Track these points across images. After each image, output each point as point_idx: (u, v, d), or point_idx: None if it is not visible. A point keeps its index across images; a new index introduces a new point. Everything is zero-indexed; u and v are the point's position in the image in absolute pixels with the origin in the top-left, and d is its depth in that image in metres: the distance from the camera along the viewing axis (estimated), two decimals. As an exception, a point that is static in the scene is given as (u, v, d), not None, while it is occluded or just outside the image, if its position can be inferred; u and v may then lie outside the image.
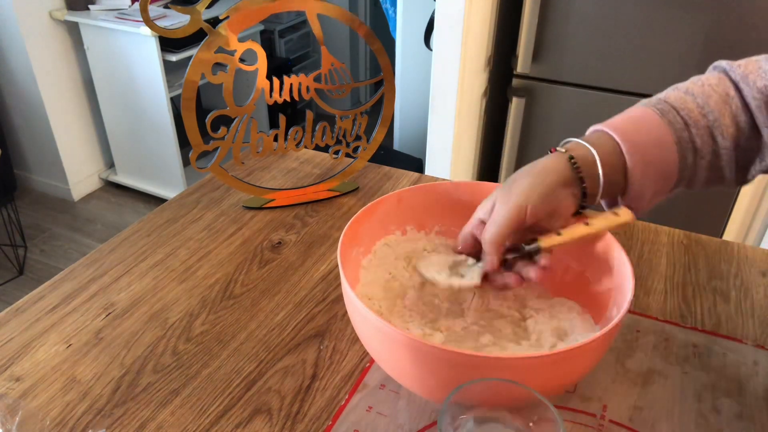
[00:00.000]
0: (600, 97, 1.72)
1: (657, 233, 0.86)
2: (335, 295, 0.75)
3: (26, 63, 2.43)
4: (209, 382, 0.63)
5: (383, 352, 0.55)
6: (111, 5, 2.45)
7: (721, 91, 0.59)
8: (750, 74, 0.58)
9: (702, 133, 0.58)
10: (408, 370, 0.52)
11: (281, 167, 1.04)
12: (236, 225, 0.88)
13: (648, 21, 1.58)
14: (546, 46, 1.72)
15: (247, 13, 0.79)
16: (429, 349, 0.48)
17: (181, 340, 0.68)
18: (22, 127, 2.67)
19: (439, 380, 0.51)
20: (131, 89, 2.50)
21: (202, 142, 0.83)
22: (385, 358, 0.55)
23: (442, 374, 0.50)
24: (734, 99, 0.58)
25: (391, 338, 0.50)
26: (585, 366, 0.52)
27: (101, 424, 0.58)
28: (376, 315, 0.50)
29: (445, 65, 1.73)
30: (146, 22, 0.75)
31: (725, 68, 0.61)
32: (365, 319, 0.53)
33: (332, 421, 0.58)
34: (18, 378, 0.63)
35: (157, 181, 2.71)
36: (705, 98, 0.58)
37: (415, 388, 0.55)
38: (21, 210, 2.61)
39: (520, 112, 1.82)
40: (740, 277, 0.78)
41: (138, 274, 0.78)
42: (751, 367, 0.64)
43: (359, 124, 0.93)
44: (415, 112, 2.54)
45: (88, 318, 0.71)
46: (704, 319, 0.71)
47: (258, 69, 0.83)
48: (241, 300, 0.74)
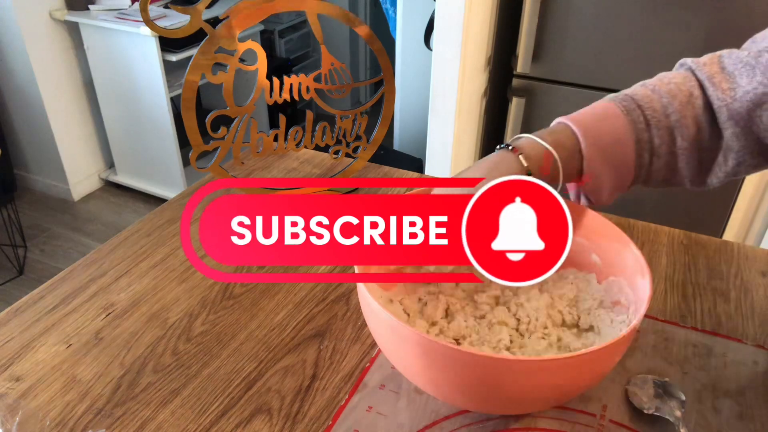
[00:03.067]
0: (600, 97, 1.72)
1: (657, 233, 0.86)
2: (335, 295, 0.75)
3: (26, 63, 2.43)
4: (209, 382, 0.63)
5: (392, 348, 0.54)
6: (111, 5, 2.45)
7: (686, 90, 0.60)
8: (714, 76, 0.59)
9: (662, 133, 0.59)
10: (419, 370, 0.52)
11: (281, 167, 1.04)
12: (236, 225, 0.88)
13: (648, 21, 1.58)
14: (546, 46, 1.71)
15: (247, 13, 0.79)
16: (449, 351, 0.48)
17: (181, 340, 0.68)
18: (22, 127, 2.67)
19: (455, 382, 0.51)
20: (131, 89, 2.50)
21: (202, 142, 0.83)
22: (397, 356, 0.55)
23: (458, 375, 0.50)
24: (698, 99, 0.59)
25: (405, 338, 0.50)
26: (609, 364, 0.52)
27: (101, 424, 0.58)
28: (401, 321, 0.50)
29: (445, 65, 1.73)
30: (146, 22, 0.75)
31: (691, 67, 0.61)
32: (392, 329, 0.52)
33: (332, 421, 0.58)
34: (18, 378, 0.63)
35: (157, 181, 2.71)
36: (670, 98, 0.59)
37: (428, 388, 0.55)
38: (21, 210, 2.61)
39: (520, 112, 1.82)
40: (740, 277, 0.78)
41: (138, 274, 0.78)
42: (751, 367, 0.64)
43: (359, 124, 0.93)
44: (415, 112, 2.54)
45: (88, 318, 0.71)
46: (704, 319, 0.71)
47: (258, 69, 0.83)
48: (241, 300, 0.74)
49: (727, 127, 0.59)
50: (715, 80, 0.59)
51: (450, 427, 0.58)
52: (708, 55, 0.62)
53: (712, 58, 0.61)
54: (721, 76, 0.59)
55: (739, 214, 1.74)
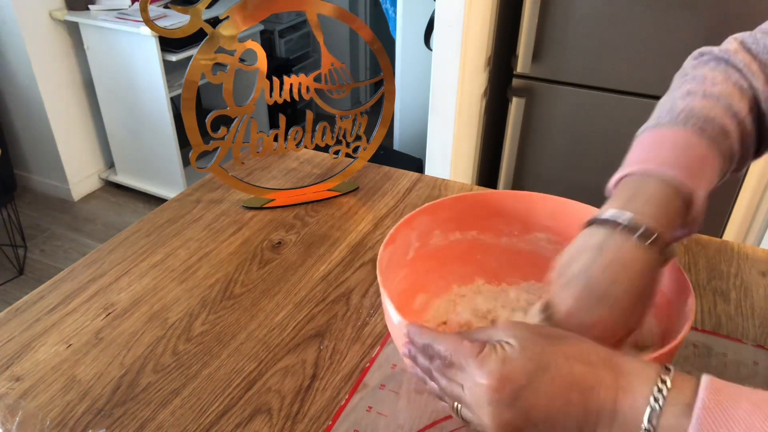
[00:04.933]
0: (600, 97, 1.72)
1: (657, 233, 0.86)
2: (335, 295, 0.75)
3: (26, 63, 2.43)
4: (209, 382, 0.63)
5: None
6: (111, 5, 2.45)
7: (732, 87, 0.55)
8: (750, 64, 0.55)
9: (737, 137, 0.53)
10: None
11: (281, 167, 1.04)
12: (236, 225, 0.88)
13: (648, 21, 1.58)
14: (546, 46, 1.71)
15: (247, 13, 0.79)
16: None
17: (181, 340, 0.68)
18: (22, 127, 2.67)
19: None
20: (131, 89, 2.50)
21: (202, 142, 0.83)
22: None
23: None
24: (747, 90, 0.55)
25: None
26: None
27: (101, 424, 0.58)
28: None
29: (445, 65, 1.73)
30: (146, 22, 0.75)
31: (728, 58, 0.56)
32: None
33: (332, 421, 0.58)
34: (18, 378, 0.63)
35: (157, 181, 2.71)
36: (727, 98, 0.54)
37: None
38: (21, 210, 2.61)
39: (520, 112, 1.82)
40: (740, 277, 0.78)
41: (138, 274, 0.78)
42: (751, 367, 0.64)
43: (359, 124, 0.93)
44: (415, 112, 2.54)
45: (88, 318, 0.71)
46: (704, 319, 0.71)
47: (258, 69, 0.83)
48: (241, 300, 0.74)
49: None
50: (752, 69, 0.55)
51: (450, 427, 0.58)
52: (731, 42, 0.57)
53: (736, 46, 0.57)
54: (754, 65, 0.55)
55: (739, 214, 1.74)
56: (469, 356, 0.41)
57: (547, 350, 0.40)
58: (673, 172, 0.48)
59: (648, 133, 0.53)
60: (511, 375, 0.39)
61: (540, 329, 0.43)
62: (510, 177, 1.95)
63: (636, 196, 0.48)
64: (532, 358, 0.40)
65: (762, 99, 0.55)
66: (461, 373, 0.42)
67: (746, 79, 0.56)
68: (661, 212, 0.47)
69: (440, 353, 0.43)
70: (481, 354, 0.41)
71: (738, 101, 0.54)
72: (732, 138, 0.52)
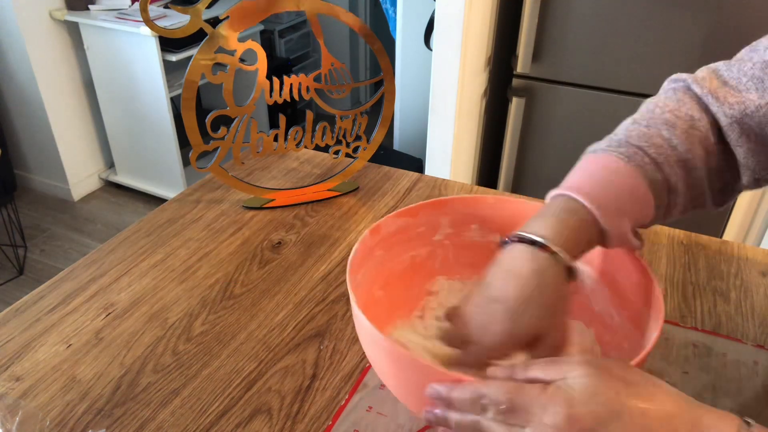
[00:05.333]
0: (600, 97, 1.72)
1: (657, 233, 0.86)
2: (335, 295, 0.75)
3: (26, 63, 2.43)
4: (209, 382, 0.63)
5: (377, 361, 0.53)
6: (111, 5, 2.45)
7: (684, 115, 0.54)
8: (717, 91, 0.54)
9: (675, 169, 0.53)
10: (395, 384, 0.51)
11: (281, 167, 1.04)
12: (236, 225, 0.88)
13: (648, 21, 1.58)
14: (546, 46, 1.71)
15: (247, 13, 0.79)
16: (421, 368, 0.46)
17: (181, 340, 0.68)
18: (22, 127, 2.67)
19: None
20: (131, 89, 2.50)
21: (202, 142, 0.83)
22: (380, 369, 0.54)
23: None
24: (700, 121, 0.54)
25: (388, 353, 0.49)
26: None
27: (101, 424, 0.58)
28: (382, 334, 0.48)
29: (445, 65, 1.73)
30: (146, 22, 0.75)
31: (689, 85, 0.56)
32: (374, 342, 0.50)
33: (332, 421, 0.58)
34: (18, 378, 0.63)
35: (157, 181, 2.71)
36: (669, 128, 0.54)
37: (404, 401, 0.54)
38: (21, 210, 2.61)
39: (520, 112, 1.82)
40: (740, 277, 0.78)
41: (138, 274, 0.78)
42: (751, 367, 0.64)
43: (359, 124, 0.93)
44: (415, 112, 2.54)
45: (88, 318, 0.71)
46: (704, 319, 0.71)
47: (258, 69, 0.83)
48: (241, 300, 0.74)
49: (740, 144, 0.54)
50: (719, 95, 0.54)
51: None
52: (703, 70, 0.57)
53: (709, 73, 0.56)
54: (724, 90, 0.54)
55: (739, 214, 1.74)
56: (534, 397, 0.40)
57: (621, 395, 0.39)
58: (594, 204, 0.51)
59: (590, 156, 0.56)
60: (578, 416, 0.38)
61: (615, 369, 0.41)
62: (510, 177, 1.95)
63: (546, 214, 0.52)
64: (605, 403, 0.39)
65: (723, 125, 0.54)
66: (525, 415, 0.40)
67: (703, 107, 0.55)
68: (566, 231, 0.50)
69: (497, 400, 0.41)
70: (547, 393, 0.40)
71: (681, 130, 0.54)
72: (664, 168, 0.53)
